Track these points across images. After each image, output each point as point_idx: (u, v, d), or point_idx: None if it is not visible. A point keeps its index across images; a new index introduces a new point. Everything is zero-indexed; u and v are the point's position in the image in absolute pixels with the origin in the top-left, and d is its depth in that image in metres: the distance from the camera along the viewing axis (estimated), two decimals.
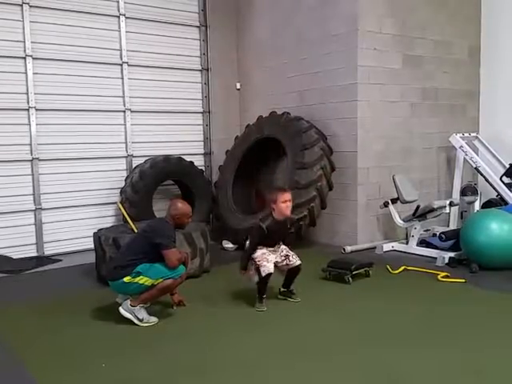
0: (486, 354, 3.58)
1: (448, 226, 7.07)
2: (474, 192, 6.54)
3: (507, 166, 6.97)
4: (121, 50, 7.27)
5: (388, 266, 5.73)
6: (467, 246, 5.76)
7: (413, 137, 7.13)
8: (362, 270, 5.36)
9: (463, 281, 5.24)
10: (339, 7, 6.69)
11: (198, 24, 7.95)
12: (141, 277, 4.21)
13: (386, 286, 5.16)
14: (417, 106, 7.14)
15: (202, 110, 8.09)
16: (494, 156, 7.31)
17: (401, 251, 6.47)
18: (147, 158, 7.31)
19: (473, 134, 7.49)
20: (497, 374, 3.28)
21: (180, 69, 7.80)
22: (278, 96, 7.58)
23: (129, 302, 4.25)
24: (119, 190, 7.16)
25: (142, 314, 4.24)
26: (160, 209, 7.19)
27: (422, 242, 6.51)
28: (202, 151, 8.13)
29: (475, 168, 7.02)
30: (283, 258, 4.69)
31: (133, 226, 5.84)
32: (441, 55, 7.34)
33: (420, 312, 4.42)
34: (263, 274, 4.49)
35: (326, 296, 4.93)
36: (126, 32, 7.30)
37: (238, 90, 8.29)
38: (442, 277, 5.36)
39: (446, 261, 5.85)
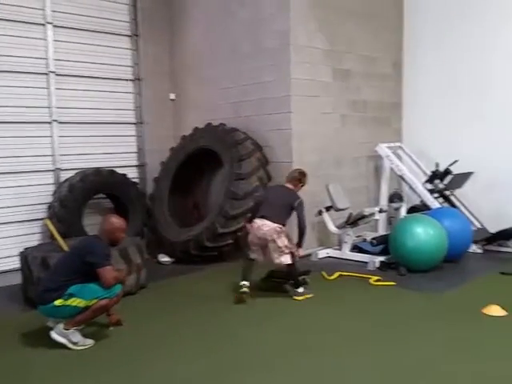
0: (412, 351, 3.83)
1: (377, 232, 7.41)
2: (401, 199, 6.91)
3: (429, 174, 7.42)
4: (47, 59, 7.02)
5: (324, 273, 5.93)
6: (396, 251, 6.08)
7: (343, 147, 7.42)
8: (299, 278, 5.49)
9: (393, 283, 5.53)
10: (272, 22, 6.86)
11: (129, 33, 7.83)
12: (73, 299, 4.03)
13: (322, 292, 5.31)
14: (347, 117, 7.46)
15: (134, 120, 7.95)
16: (416, 164, 7.76)
17: (335, 257, 6.71)
18: (77, 171, 7.06)
19: (397, 144, 7.92)
20: (423, 369, 3.51)
21: (111, 79, 7.64)
22: (213, 107, 7.62)
23: (61, 325, 4.05)
24: (47, 206, 6.86)
25: (77, 337, 4.07)
26: (91, 224, 6.95)
27: (355, 248, 6.77)
28: (136, 163, 7.98)
29: (400, 176, 7.42)
30: None
31: (62, 244, 5.60)
32: (367, 69, 7.71)
33: (354, 316, 4.63)
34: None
35: (265, 306, 5.00)
36: (54, 41, 7.05)
37: (172, 100, 8.25)
38: (374, 281, 5.63)
39: (377, 265, 6.15)
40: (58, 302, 4.03)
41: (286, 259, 5.13)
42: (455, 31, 7.70)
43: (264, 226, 5.16)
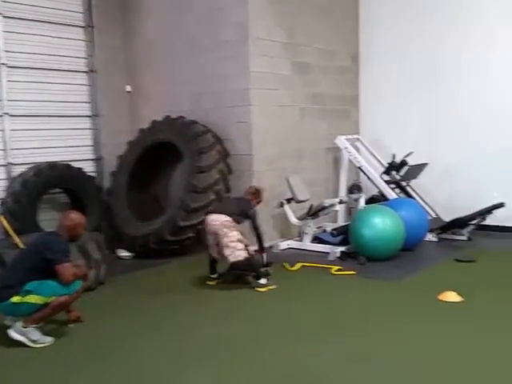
0: (373, 338, 3.91)
1: (337, 223, 7.52)
2: (360, 190, 7.04)
3: (386, 165, 7.59)
4: None
5: (286, 264, 5.97)
6: (355, 241, 6.19)
7: (303, 139, 7.47)
8: (262, 270, 5.49)
9: (353, 273, 5.63)
10: (230, 14, 6.82)
11: (83, 24, 7.60)
12: (31, 296, 3.91)
13: (285, 283, 5.35)
14: (306, 110, 7.51)
15: (90, 113, 7.74)
16: (373, 156, 7.92)
17: (296, 248, 6.76)
18: (31, 165, 6.83)
19: (355, 136, 8.05)
20: (383, 357, 3.58)
21: (65, 70, 7.40)
22: (171, 100, 7.51)
23: (20, 323, 3.93)
24: None
25: (36, 334, 3.96)
26: (46, 219, 6.77)
27: (315, 239, 6.85)
28: (92, 157, 7.78)
29: (358, 167, 7.55)
30: None
31: (17, 240, 5.45)
32: (326, 62, 7.79)
33: (316, 305, 4.68)
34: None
35: (227, 299, 4.99)
36: (4, 32, 6.76)
37: (129, 92, 8.08)
38: (336, 270, 5.71)
39: (338, 255, 6.24)
40: (15, 299, 3.91)
41: (240, 254, 5.12)
42: (410, 25, 7.88)
43: (213, 221, 5.19)
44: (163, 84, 7.66)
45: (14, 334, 3.94)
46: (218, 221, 5.17)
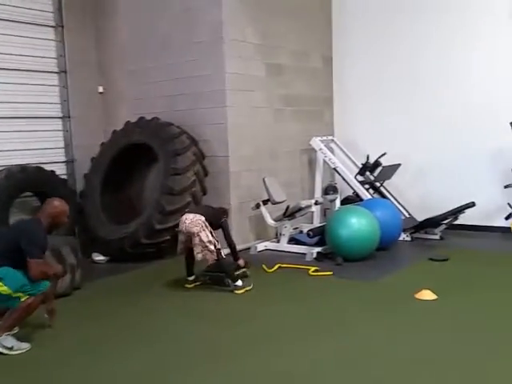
0: (350, 338, 3.95)
1: (312, 223, 7.57)
2: (335, 190, 7.08)
3: (360, 166, 7.68)
4: None
5: (263, 265, 5.97)
6: (332, 241, 6.24)
7: (278, 141, 7.48)
8: (239, 272, 5.47)
9: (330, 273, 5.66)
10: (203, 15, 6.78)
11: (53, 24, 7.45)
12: (0, 283, 3.82)
13: (263, 285, 5.34)
14: (280, 111, 7.53)
15: (61, 114, 7.58)
16: (348, 157, 8.00)
17: (273, 250, 6.77)
18: (1, 168, 6.64)
19: (329, 137, 8.11)
20: (364, 358, 3.60)
21: (35, 71, 7.23)
22: (145, 101, 7.42)
23: None
24: None
25: (11, 341, 3.86)
26: None
27: (292, 240, 6.88)
28: (64, 159, 7.63)
29: (333, 168, 7.62)
30: None
31: None
32: (299, 64, 7.82)
33: (295, 308, 4.68)
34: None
35: (206, 301, 4.97)
36: None
37: (101, 93, 7.96)
38: (313, 271, 5.74)
39: (314, 256, 6.28)
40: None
41: (210, 256, 5.11)
42: (383, 26, 7.98)
43: (187, 219, 5.17)
44: (137, 85, 7.56)
45: None
46: (191, 220, 5.14)
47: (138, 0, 7.51)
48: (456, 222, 7.04)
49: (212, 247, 5.11)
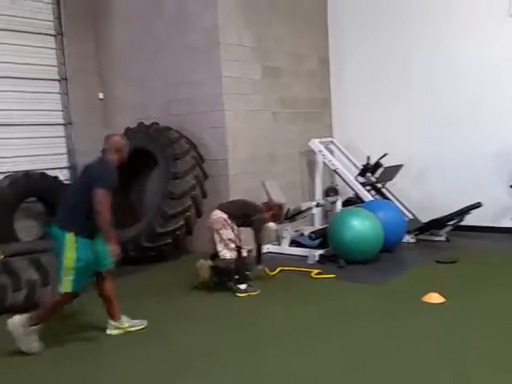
0: (357, 342, 3.90)
1: (314, 226, 7.55)
2: (336, 192, 7.07)
3: (360, 167, 7.65)
4: None
5: (265, 268, 5.95)
6: (334, 243, 6.19)
7: (276, 143, 7.50)
8: (247, 274, 5.42)
9: (333, 276, 5.61)
10: (199, 19, 6.81)
11: (53, 32, 7.52)
12: (73, 252, 3.83)
13: (266, 287, 5.33)
14: (278, 114, 7.54)
15: (63, 121, 7.66)
16: (348, 158, 7.98)
17: (275, 252, 6.74)
18: (4, 174, 6.74)
19: (329, 139, 8.11)
20: (372, 361, 3.57)
21: (36, 79, 7.32)
22: (144, 106, 7.46)
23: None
24: None
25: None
26: (23, 228, 6.71)
27: (293, 242, 6.86)
28: (67, 165, 7.70)
29: (333, 170, 7.61)
30: None
31: None
32: (296, 66, 7.83)
33: (300, 310, 4.66)
34: None
35: (211, 304, 4.97)
36: None
37: (101, 100, 8.00)
38: (315, 274, 5.71)
39: (317, 258, 6.24)
40: (68, 237, 3.82)
41: (230, 254, 5.13)
42: (379, 26, 7.96)
43: (213, 215, 5.22)
44: (135, 91, 7.60)
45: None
46: (216, 215, 5.19)
47: (133, 5, 7.56)
48: (461, 223, 6.95)
49: (232, 245, 5.12)
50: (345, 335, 4.05)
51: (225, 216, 5.19)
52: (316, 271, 5.77)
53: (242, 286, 5.19)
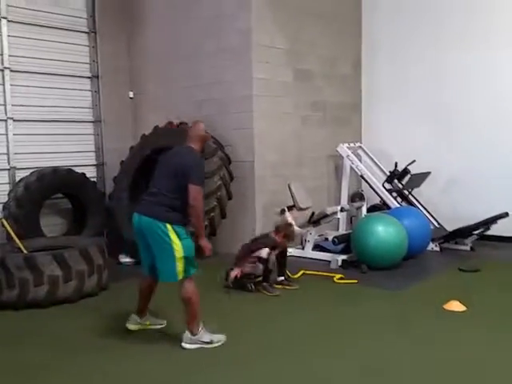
0: (378, 347, 3.87)
1: (338, 231, 7.50)
2: (362, 198, 7.02)
3: (388, 174, 7.58)
4: (1, 55, 6.76)
5: (287, 272, 5.93)
6: (357, 249, 6.16)
7: (304, 147, 7.48)
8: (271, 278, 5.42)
9: (355, 281, 5.60)
10: (233, 21, 6.85)
11: (86, 30, 7.65)
12: (182, 243, 3.75)
13: (287, 291, 5.33)
14: (307, 117, 7.53)
15: (92, 119, 7.77)
16: (375, 164, 7.90)
17: (298, 256, 6.73)
18: (33, 170, 6.84)
19: (357, 144, 8.04)
20: (394, 368, 3.54)
21: (68, 76, 7.45)
22: (174, 106, 7.53)
23: (186, 333, 3.88)
24: (1, 206, 6.61)
25: (207, 336, 3.90)
26: (49, 224, 6.82)
27: (316, 247, 6.83)
28: (95, 162, 7.80)
29: (360, 176, 7.55)
30: None
31: (20, 245, 5.43)
32: (327, 70, 7.81)
33: (320, 315, 4.65)
34: None
35: (231, 305, 4.97)
36: (8, 36, 6.81)
37: (131, 98, 8.10)
38: (338, 278, 5.69)
39: (339, 263, 6.21)
40: (170, 228, 3.76)
41: (263, 253, 5.29)
42: (412, 32, 7.90)
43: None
44: (166, 90, 7.68)
45: (187, 345, 3.90)
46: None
47: (168, 7, 7.64)
48: (487, 233, 6.86)
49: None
50: (365, 340, 4.03)
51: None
52: (338, 276, 5.75)
53: (280, 278, 5.41)
